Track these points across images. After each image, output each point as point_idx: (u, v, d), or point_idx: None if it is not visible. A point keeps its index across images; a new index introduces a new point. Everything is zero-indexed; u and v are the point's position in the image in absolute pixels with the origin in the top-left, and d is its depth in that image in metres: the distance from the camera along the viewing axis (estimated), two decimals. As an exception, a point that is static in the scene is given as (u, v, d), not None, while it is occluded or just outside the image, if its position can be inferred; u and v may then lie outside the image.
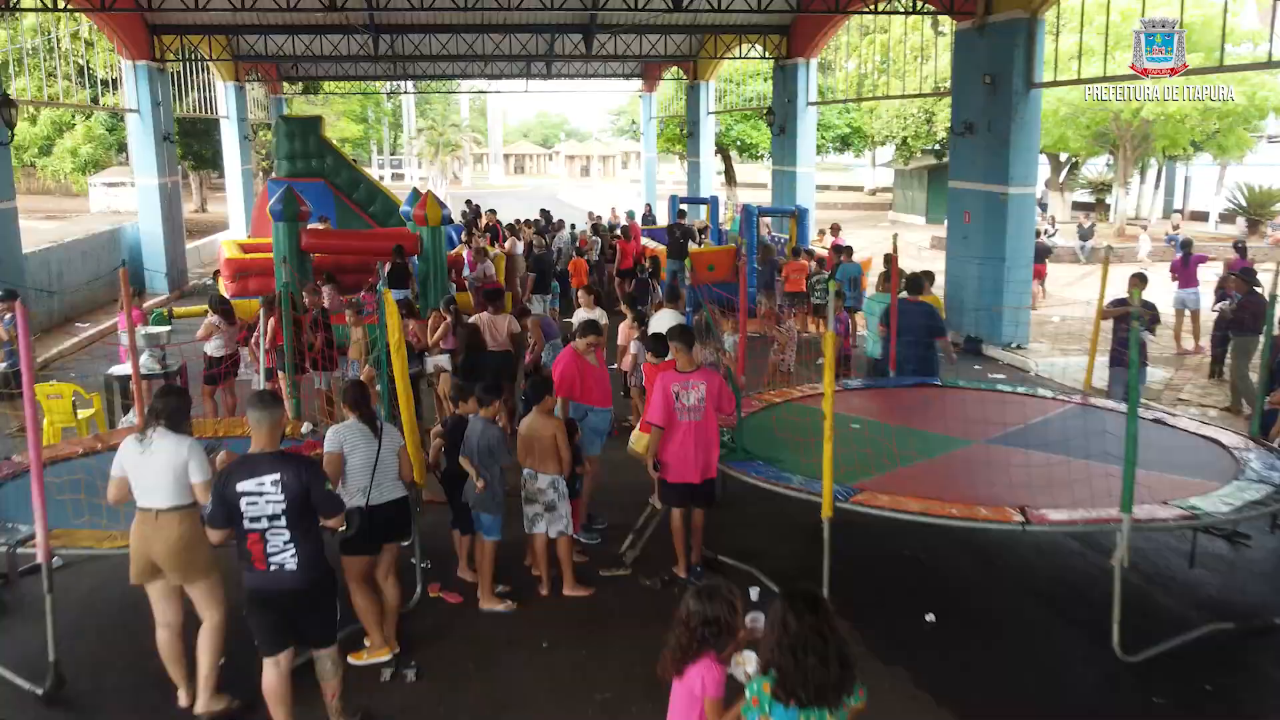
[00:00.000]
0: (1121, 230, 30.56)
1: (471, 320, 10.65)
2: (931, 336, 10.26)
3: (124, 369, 10.70)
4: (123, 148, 34.04)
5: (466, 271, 17.39)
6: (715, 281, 19.23)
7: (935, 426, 8.18)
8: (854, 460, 6.96)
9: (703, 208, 24.97)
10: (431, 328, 11.21)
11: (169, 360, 11.10)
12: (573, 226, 24.99)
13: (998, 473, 6.94)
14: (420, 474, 6.53)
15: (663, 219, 29.87)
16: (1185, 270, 15.36)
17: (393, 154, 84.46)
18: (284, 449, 7.73)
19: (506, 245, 19.57)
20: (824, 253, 19.07)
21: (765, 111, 26.39)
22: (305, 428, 8.07)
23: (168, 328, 11.32)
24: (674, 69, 34.92)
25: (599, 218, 25.65)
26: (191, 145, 38.65)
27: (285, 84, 39.39)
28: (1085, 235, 27.65)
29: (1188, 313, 15.40)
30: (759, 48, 25.43)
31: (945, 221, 40.40)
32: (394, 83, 42.11)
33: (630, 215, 23.32)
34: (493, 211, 24.95)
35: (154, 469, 5.28)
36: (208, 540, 5.27)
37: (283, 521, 4.92)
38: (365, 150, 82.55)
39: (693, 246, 19.32)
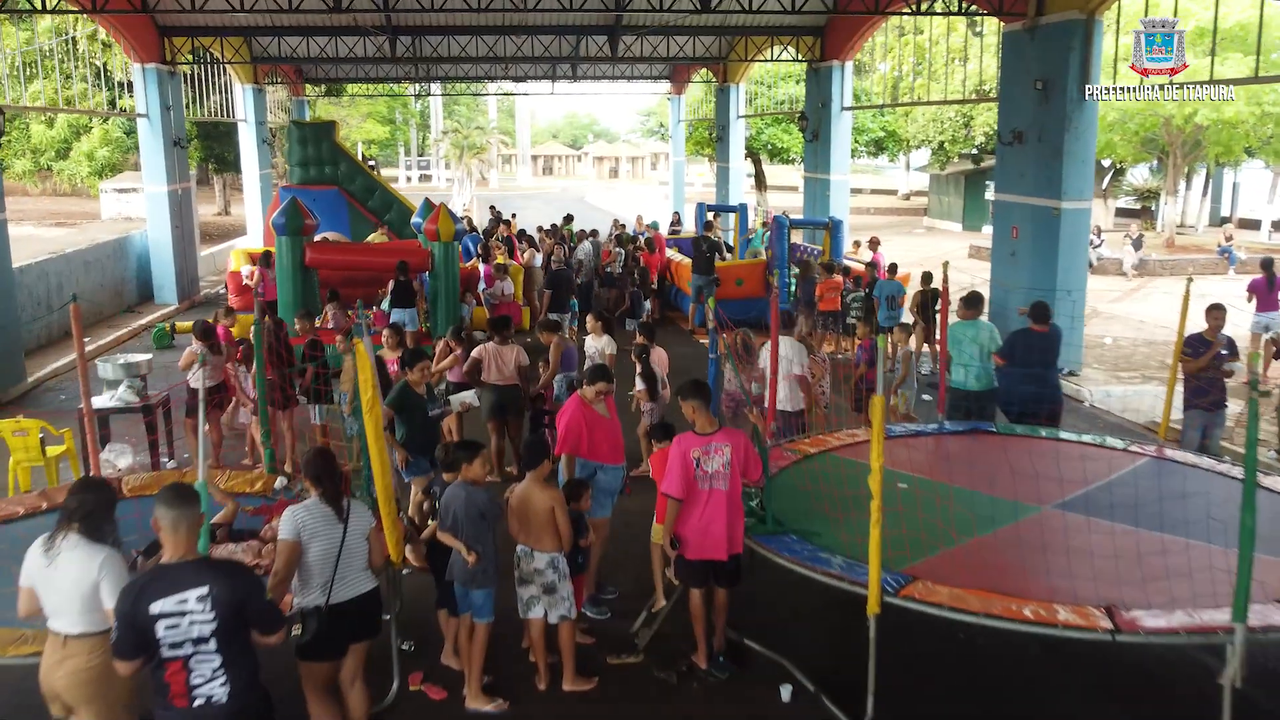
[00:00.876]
0: (1170, 241, 29.21)
1: (475, 352, 9.71)
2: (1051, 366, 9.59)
3: (101, 401, 9.87)
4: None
5: (483, 287, 16.51)
6: (744, 298, 18.29)
7: (995, 486, 7.14)
8: (904, 539, 5.95)
9: (730, 216, 24.01)
10: (438, 358, 10.29)
11: (150, 392, 10.26)
12: (595, 234, 24.05)
13: (1076, 557, 5.90)
14: (396, 553, 5.58)
15: (690, 225, 28.98)
16: (1269, 294, 14.15)
17: (420, 155, 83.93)
18: (252, 507, 6.97)
19: (524, 257, 18.66)
20: (860, 267, 18.01)
21: (798, 117, 25.31)
22: (279, 483, 7.16)
23: (147, 356, 10.45)
24: (703, 71, 33.93)
25: (623, 226, 24.69)
26: (213, 148, 38.11)
27: (308, 86, 38.83)
28: (1134, 246, 26.35)
29: (1264, 339, 14.17)
30: (791, 50, 24.37)
31: (983, 229, 39.39)
32: (419, 85, 41.29)
33: (654, 226, 22.30)
34: (507, 223, 23.80)
35: (61, 585, 4.31)
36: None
37: (212, 645, 3.91)
38: (393, 151, 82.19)
39: (720, 260, 18.31)
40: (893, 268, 15.36)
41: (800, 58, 24.29)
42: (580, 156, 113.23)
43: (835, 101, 23.09)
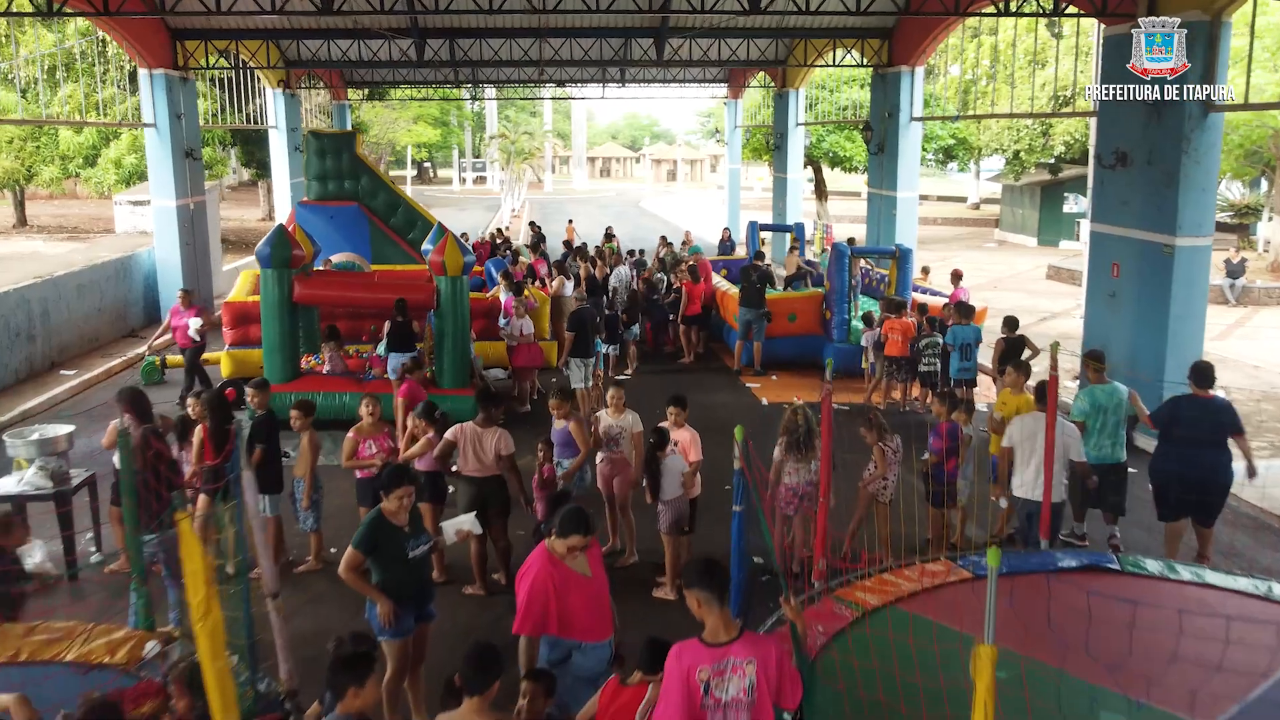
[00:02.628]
0: (1276, 265, 26.43)
1: (449, 434, 7.83)
2: (1226, 435, 8.22)
3: (7, 485, 8.19)
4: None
5: (503, 321, 14.56)
6: (797, 335, 16.25)
7: (1133, 680, 5.06)
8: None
9: (784, 235, 21.92)
10: (405, 441, 8.43)
11: (72, 472, 8.56)
12: (640, 254, 22.09)
13: None
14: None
15: (739, 237, 26.90)
16: None
17: (476, 158, 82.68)
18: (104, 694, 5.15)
19: (553, 286, 16.77)
20: (937, 301, 15.82)
21: (861, 127, 23.12)
22: (149, 649, 5.30)
23: (68, 429, 8.73)
24: (760, 74, 31.86)
25: (670, 245, 22.62)
26: (254, 153, 37.00)
27: (350, 90, 37.49)
28: (1234, 272, 23.69)
29: None
30: (855, 54, 22.20)
31: (1059, 244, 36.73)
32: (467, 88, 39.74)
33: (696, 250, 20.21)
34: (533, 247, 21.74)
35: None
36: None
37: None
38: (447, 154, 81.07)
39: (772, 291, 16.27)
40: (967, 309, 13.17)
41: (865, 62, 22.13)
42: (639, 159, 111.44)
43: (904, 111, 20.90)
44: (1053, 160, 36.57)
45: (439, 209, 59.30)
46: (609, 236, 23.54)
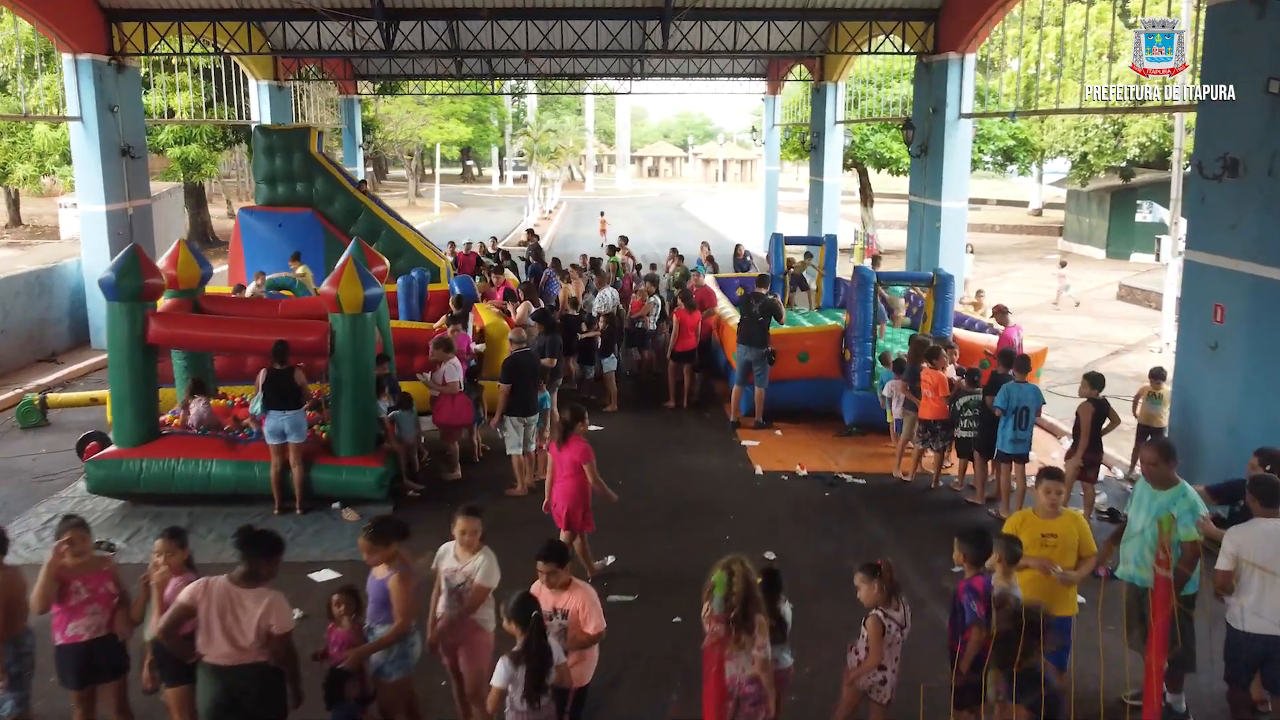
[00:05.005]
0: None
1: (182, 594, 4.98)
2: None
3: None
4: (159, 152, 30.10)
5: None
6: (809, 378, 13.26)
7: None
8: None
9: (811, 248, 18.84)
10: (141, 591, 5.59)
11: None
12: (651, 269, 19.12)
13: None
14: None
15: (754, 252, 23.66)
16: None
17: (519, 156, 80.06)
18: None
19: (517, 312, 13.89)
20: (982, 341, 12.76)
21: (902, 125, 19.98)
22: None
23: None
24: (799, 68, 28.80)
25: (682, 259, 19.48)
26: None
27: (363, 83, 35.10)
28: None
29: None
30: (896, 40, 19.06)
31: (1130, 257, 33.07)
32: (482, 81, 37.16)
33: (697, 270, 17.21)
34: (492, 263, 18.68)
35: None
36: None
37: None
38: (484, 152, 78.64)
39: (777, 326, 13.28)
40: (1024, 362, 10.08)
41: (907, 49, 18.99)
42: (688, 158, 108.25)
43: (951, 106, 17.77)
44: (1124, 164, 33.03)
45: (472, 209, 57.02)
46: (613, 250, 20.59)
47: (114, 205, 17.25)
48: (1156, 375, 10.76)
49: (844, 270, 20.91)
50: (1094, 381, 9.56)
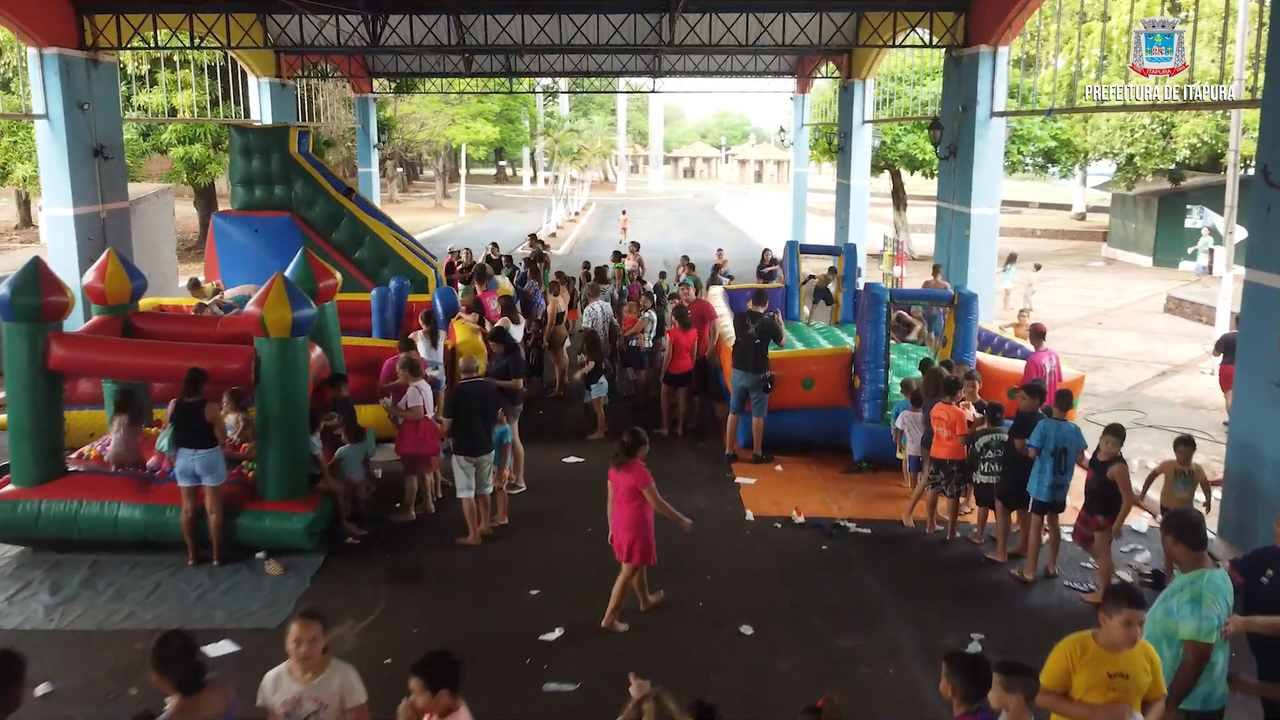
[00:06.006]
0: None
1: None
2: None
3: None
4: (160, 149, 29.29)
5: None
6: (815, 407, 11.89)
7: None
8: None
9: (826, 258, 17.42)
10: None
11: None
12: (660, 277, 17.86)
13: None
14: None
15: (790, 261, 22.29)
16: None
17: (543, 156, 79.01)
18: None
19: (499, 321, 12.65)
20: (1014, 369, 11.34)
21: (930, 125, 18.50)
22: None
23: None
24: (828, 65, 27.36)
25: (692, 268, 18.11)
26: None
27: (380, 81, 34.15)
28: None
29: None
30: (923, 32, 17.58)
31: (1179, 265, 31.22)
32: (500, 80, 36.07)
33: (694, 282, 15.80)
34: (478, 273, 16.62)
35: None
36: None
37: None
38: (515, 153, 77.67)
39: (776, 349, 11.92)
40: (1064, 397, 8.64)
41: (936, 41, 17.51)
42: (725, 159, 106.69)
43: (981, 104, 16.30)
44: (1173, 166, 31.13)
45: (501, 209, 55.97)
46: (618, 255, 19.33)
47: (83, 209, 16.23)
48: (1185, 444, 8.58)
49: (874, 278, 19.56)
50: (1119, 434, 8.05)
